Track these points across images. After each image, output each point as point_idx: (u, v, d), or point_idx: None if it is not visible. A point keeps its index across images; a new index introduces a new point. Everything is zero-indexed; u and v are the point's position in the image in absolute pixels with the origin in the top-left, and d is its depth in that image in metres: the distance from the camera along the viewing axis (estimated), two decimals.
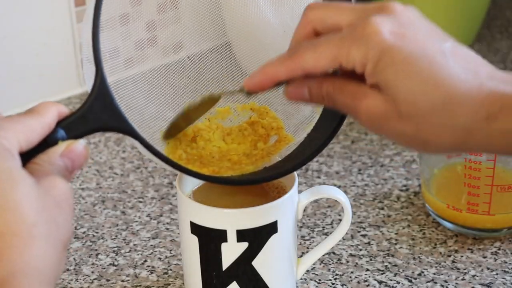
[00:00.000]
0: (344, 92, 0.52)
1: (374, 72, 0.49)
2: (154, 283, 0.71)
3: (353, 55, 0.49)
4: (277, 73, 0.52)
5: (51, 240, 0.45)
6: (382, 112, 0.50)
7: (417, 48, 0.49)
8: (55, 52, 1.01)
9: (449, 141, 0.50)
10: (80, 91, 1.05)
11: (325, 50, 0.50)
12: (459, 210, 0.75)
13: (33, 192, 0.45)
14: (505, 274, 0.71)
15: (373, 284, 0.70)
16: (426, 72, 0.48)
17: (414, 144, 0.51)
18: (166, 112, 0.63)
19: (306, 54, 0.51)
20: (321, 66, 0.51)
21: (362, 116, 0.51)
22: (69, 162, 0.50)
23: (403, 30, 0.49)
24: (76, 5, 1.01)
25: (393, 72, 0.49)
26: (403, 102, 0.49)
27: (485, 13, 1.13)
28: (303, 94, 0.53)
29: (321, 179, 0.86)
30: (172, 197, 0.83)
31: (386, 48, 0.49)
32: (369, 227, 0.78)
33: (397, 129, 0.50)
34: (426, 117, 0.49)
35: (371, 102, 0.50)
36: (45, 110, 0.50)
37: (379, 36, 0.49)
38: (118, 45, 0.61)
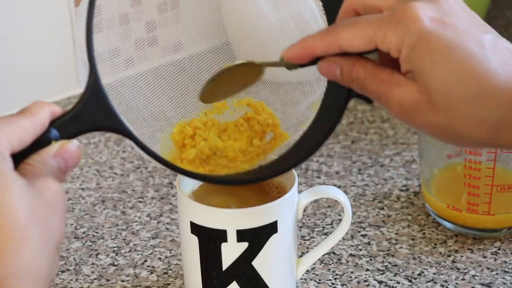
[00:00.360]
0: (376, 79, 0.51)
1: (409, 58, 0.49)
2: (154, 283, 0.71)
3: (389, 38, 0.49)
4: (315, 46, 0.52)
5: (44, 242, 0.45)
6: (414, 102, 0.49)
7: (456, 37, 0.48)
8: (55, 52, 1.01)
9: (480, 135, 0.49)
10: (80, 91, 1.04)
11: (362, 30, 0.50)
12: (459, 210, 0.75)
13: (24, 194, 0.45)
14: (505, 274, 0.71)
15: (373, 284, 0.70)
16: (462, 63, 0.48)
17: (444, 136, 0.50)
18: (166, 111, 0.63)
19: (343, 31, 0.51)
20: (357, 45, 0.50)
21: (394, 104, 0.50)
22: (62, 162, 0.49)
23: (444, 18, 0.49)
24: (76, 5, 1.01)
25: (429, 60, 0.48)
26: (437, 91, 0.48)
27: (485, 13, 1.13)
28: (335, 72, 0.53)
29: (321, 179, 0.85)
30: (172, 197, 0.83)
31: (424, 35, 0.48)
32: (369, 227, 0.78)
33: (428, 119, 0.50)
34: (458, 109, 0.48)
35: (404, 90, 0.50)
36: (38, 109, 0.49)
37: (418, 22, 0.48)
38: (118, 45, 0.61)
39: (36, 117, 0.49)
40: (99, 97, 0.52)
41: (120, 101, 0.59)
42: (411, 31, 0.48)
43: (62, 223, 0.47)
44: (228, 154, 0.62)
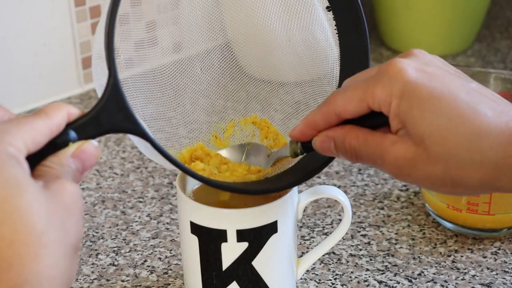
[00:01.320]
0: (369, 144, 0.52)
1: (399, 110, 0.50)
2: (154, 283, 0.71)
3: (378, 94, 0.50)
4: (315, 119, 0.54)
5: (62, 246, 0.44)
6: (410, 156, 0.50)
7: (442, 85, 0.49)
8: (55, 52, 1.01)
9: (478, 179, 0.49)
10: (80, 91, 1.05)
11: (352, 92, 0.52)
12: (459, 210, 0.75)
13: (40, 199, 0.44)
14: (505, 274, 0.71)
15: (373, 284, 0.70)
16: (451, 108, 0.48)
17: (444, 186, 0.51)
18: (166, 112, 0.63)
19: (336, 98, 0.53)
20: (351, 108, 0.52)
21: (390, 164, 0.51)
22: (80, 163, 0.49)
23: (426, 68, 0.50)
24: (76, 5, 1.01)
25: (418, 108, 0.49)
26: (431, 141, 0.49)
27: (485, 13, 1.13)
28: (329, 147, 0.54)
29: (321, 179, 0.86)
30: (172, 197, 0.83)
31: (410, 84, 0.49)
32: (369, 227, 0.78)
33: (426, 172, 0.50)
34: (454, 154, 0.49)
35: (399, 147, 0.50)
36: (53, 111, 0.49)
37: (403, 73, 0.49)
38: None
39: (51, 119, 0.49)
40: (118, 99, 0.52)
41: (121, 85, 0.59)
42: (397, 83, 0.49)
43: (80, 226, 0.46)
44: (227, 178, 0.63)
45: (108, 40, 0.51)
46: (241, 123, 0.66)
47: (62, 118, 0.49)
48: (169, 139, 0.62)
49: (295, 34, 0.63)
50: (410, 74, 0.49)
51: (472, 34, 1.15)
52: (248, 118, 0.66)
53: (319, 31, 0.62)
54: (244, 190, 0.61)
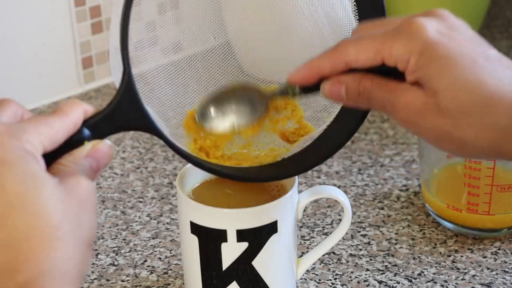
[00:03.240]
0: (383, 87, 0.52)
1: (416, 67, 0.49)
2: (154, 283, 0.71)
3: (396, 50, 0.50)
4: (321, 65, 0.53)
5: (75, 240, 0.45)
6: (421, 105, 0.50)
7: (462, 47, 0.49)
8: (55, 52, 1.01)
9: (486, 142, 0.49)
10: (80, 91, 1.05)
11: (368, 44, 0.51)
12: (459, 210, 0.75)
13: (56, 193, 0.45)
14: (505, 274, 0.71)
15: (373, 284, 0.70)
16: (469, 69, 0.48)
17: (450, 142, 0.50)
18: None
19: (349, 47, 0.51)
20: (363, 59, 0.51)
21: (400, 109, 0.51)
22: (95, 162, 0.50)
23: (449, 31, 0.50)
24: (76, 5, 1.01)
25: (436, 66, 0.49)
26: (444, 95, 0.49)
27: (485, 13, 1.13)
28: (339, 92, 0.53)
29: (321, 179, 0.86)
30: (172, 197, 0.83)
31: (430, 43, 0.49)
32: (369, 227, 0.78)
33: (435, 124, 0.50)
34: (465, 114, 0.49)
35: (411, 94, 0.50)
36: (70, 109, 0.49)
37: (424, 32, 0.49)
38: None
39: (69, 117, 0.49)
40: (133, 97, 0.52)
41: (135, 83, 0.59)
42: (418, 40, 0.49)
43: (94, 221, 0.47)
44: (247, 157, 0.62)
45: (122, 38, 0.51)
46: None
47: (78, 116, 0.50)
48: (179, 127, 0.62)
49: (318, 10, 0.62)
50: (431, 34, 0.49)
51: None
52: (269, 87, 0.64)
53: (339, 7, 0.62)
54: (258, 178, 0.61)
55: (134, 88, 0.52)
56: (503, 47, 1.15)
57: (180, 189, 0.63)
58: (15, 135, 0.45)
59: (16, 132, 0.46)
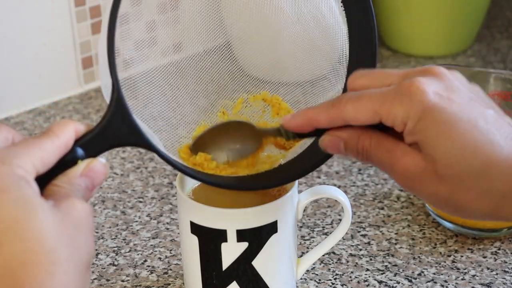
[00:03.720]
0: (381, 148, 0.52)
1: (414, 131, 0.50)
2: (154, 283, 0.71)
3: (394, 111, 0.50)
4: (318, 118, 0.53)
5: (73, 264, 0.45)
6: (419, 171, 0.50)
7: (461, 111, 0.49)
8: (55, 52, 1.01)
9: (483, 207, 0.50)
10: (80, 91, 1.05)
11: (367, 103, 0.51)
12: None
13: (50, 218, 0.44)
14: (505, 274, 0.71)
15: (373, 284, 0.70)
16: (467, 134, 0.49)
17: (447, 207, 0.51)
18: (165, 112, 0.63)
19: (347, 105, 0.52)
20: (361, 118, 0.51)
21: (398, 174, 0.51)
22: (89, 181, 0.50)
23: (447, 93, 0.50)
24: (76, 5, 1.01)
25: (434, 131, 0.49)
26: (442, 162, 0.49)
27: (485, 13, 1.13)
28: (338, 147, 0.54)
29: (321, 179, 0.86)
30: (172, 197, 0.83)
31: (429, 108, 0.49)
32: (369, 227, 0.78)
33: (432, 189, 0.50)
34: (462, 181, 0.49)
35: (409, 160, 0.50)
36: (61, 129, 0.49)
37: (423, 95, 0.49)
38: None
39: (59, 138, 0.49)
40: (123, 113, 0.52)
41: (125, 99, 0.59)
42: (417, 104, 0.49)
43: (90, 243, 0.47)
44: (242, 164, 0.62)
45: (109, 56, 0.51)
46: (250, 99, 0.64)
47: (70, 136, 0.50)
48: (169, 139, 0.62)
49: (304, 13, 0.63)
50: (431, 98, 0.49)
51: (472, 34, 1.14)
52: (257, 95, 0.64)
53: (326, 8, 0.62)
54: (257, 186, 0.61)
55: (124, 104, 0.52)
56: (503, 47, 1.15)
57: (180, 189, 0.63)
58: (6, 160, 0.45)
59: (7, 157, 0.46)
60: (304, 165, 0.61)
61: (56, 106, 1.02)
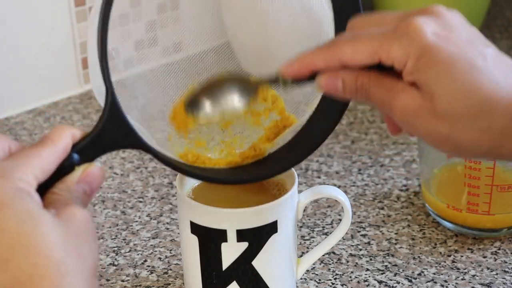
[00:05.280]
0: (380, 85, 0.51)
1: (413, 70, 0.49)
2: (154, 283, 0.71)
3: (394, 51, 0.50)
4: (315, 61, 0.52)
5: (80, 272, 0.44)
6: (418, 107, 0.50)
7: (459, 50, 0.49)
8: (55, 52, 1.01)
9: (483, 145, 0.50)
10: (80, 91, 1.05)
11: (365, 44, 0.51)
12: (459, 210, 0.75)
13: (55, 229, 0.44)
14: (505, 274, 0.71)
15: (373, 284, 0.70)
16: (466, 74, 0.49)
17: (446, 145, 0.51)
18: (166, 112, 0.63)
19: (345, 46, 0.51)
20: (359, 59, 0.51)
21: (397, 110, 0.51)
22: (87, 186, 0.50)
23: (446, 32, 0.50)
24: (76, 5, 1.01)
25: (433, 71, 0.49)
26: (440, 99, 0.49)
27: (485, 13, 1.13)
28: (336, 85, 0.53)
29: (321, 179, 0.86)
30: (172, 197, 0.83)
31: (428, 47, 0.49)
32: (369, 227, 0.78)
33: (431, 126, 0.50)
34: (461, 118, 0.49)
35: (408, 96, 0.50)
36: (58, 136, 0.49)
37: (422, 35, 0.49)
38: (118, 45, 0.61)
39: (57, 145, 0.49)
40: (118, 116, 0.52)
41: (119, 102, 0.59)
42: (416, 44, 0.49)
43: (95, 249, 0.47)
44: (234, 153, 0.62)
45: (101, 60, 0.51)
46: None
47: (67, 142, 0.50)
48: (169, 139, 0.62)
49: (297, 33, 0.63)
50: (430, 37, 0.49)
51: None
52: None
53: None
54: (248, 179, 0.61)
55: (118, 107, 0.52)
56: (503, 47, 1.15)
57: (180, 189, 0.63)
58: (6, 175, 0.45)
59: (7, 171, 0.45)
60: (296, 152, 0.60)
61: (56, 106, 1.02)
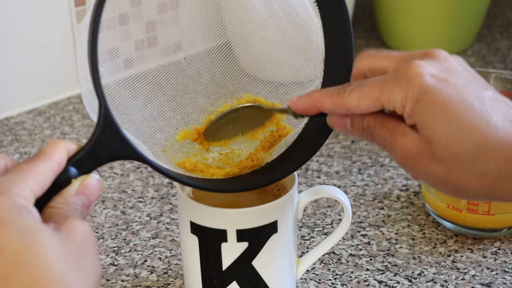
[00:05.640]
0: (384, 127, 0.53)
1: (412, 112, 0.51)
2: (154, 283, 0.71)
3: (394, 96, 0.51)
4: (323, 103, 0.55)
5: (82, 285, 0.44)
6: (417, 151, 0.51)
7: (457, 93, 0.50)
8: (55, 52, 1.01)
9: (480, 187, 0.50)
10: (80, 91, 1.05)
11: (368, 91, 0.53)
12: (459, 210, 0.75)
13: (55, 244, 0.44)
14: (505, 274, 0.71)
15: (373, 284, 0.70)
16: (462, 117, 0.49)
17: (445, 187, 0.52)
18: (166, 112, 0.63)
19: (351, 94, 0.53)
20: (364, 106, 0.53)
21: (397, 152, 0.53)
22: (85, 198, 0.50)
23: (444, 75, 0.51)
24: (76, 5, 1.01)
25: (431, 113, 0.50)
26: (438, 144, 0.50)
27: (485, 13, 1.13)
28: (345, 124, 0.55)
29: (321, 179, 0.86)
30: (172, 197, 0.83)
31: (425, 90, 0.50)
32: (369, 227, 0.78)
33: (430, 169, 0.51)
34: (458, 161, 0.50)
35: (408, 140, 0.52)
36: (53, 150, 0.49)
37: (420, 78, 0.50)
38: (118, 45, 0.61)
39: (52, 159, 0.49)
40: (112, 129, 0.52)
41: (119, 102, 0.59)
42: (414, 87, 0.50)
43: (97, 262, 0.47)
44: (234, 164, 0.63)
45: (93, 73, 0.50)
46: (234, 104, 0.65)
47: (62, 156, 0.50)
48: (169, 139, 0.63)
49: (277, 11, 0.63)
50: (427, 80, 0.50)
51: (472, 34, 1.15)
52: (241, 99, 0.65)
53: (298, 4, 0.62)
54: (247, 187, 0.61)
55: (112, 119, 0.52)
56: (503, 47, 1.15)
57: (180, 189, 0.63)
58: (4, 190, 0.45)
59: (5, 187, 0.46)
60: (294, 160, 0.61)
61: (56, 106, 1.02)
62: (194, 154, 0.63)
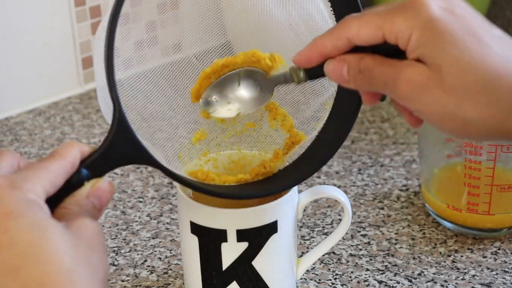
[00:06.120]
0: (384, 63, 0.51)
1: (418, 44, 0.49)
2: (154, 283, 0.71)
3: (397, 25, 0.49)
4: (323, 42, 0.53)
5: (91, 282, 0.45)
6: (425, 80, 0.49)
7: (466, 25, 0.48)
8: (55, 52, 1.01)
9: (490, 120, 0.48)
10: (80, 91, 1.05)
11: (369, 19, 0.50)
12: (459, 210, 0.75)
13: (65, 239, 0.45)
14: (505, 274, 0.71)
15: (373, 284, 0.70)
16: (474, 48, 0.48)
17: (453, 122, 0.49)
18: (166, 112, 0.63)
19: (351, 23, 0.51)
20: (364, 35, 0.50)
21: (403, 85, 0.50)
22: (97, 201, 0.50)
23: (452, 8, 0.49)
24: (76, 5, 1.01)
25: (440, 42, 0.48)
26: (449, 72, 0.48)
27: (485, 13, 1.13)
28: (341, 71, 0.53)
29: (321, 179, 0.86)
30: (172, 197, 0.83)
31: (433, 19, 0.48)
32: (369, 227, 0.78)
33: (438, 102, 0.49)
34: (470, 92, 0.48)
35: (415, 69, 0.49)
36: (67, 151, 0.50)
37: (427, 8, 0.48)
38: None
39: (66, 159, 0.49)
40: (126, 132, 0.52)
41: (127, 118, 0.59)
42: (420, 16, 0.48)
43: (105, 259, 0.47)
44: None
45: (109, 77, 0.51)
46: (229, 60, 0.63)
47: (75, 157, 0.50)
48: (169, 139, 0.63)
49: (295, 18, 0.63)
50: (435, 10, 0.48)
51: None
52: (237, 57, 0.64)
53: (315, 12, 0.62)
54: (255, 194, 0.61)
55: (126, 123, 0.52)
56: None
57: (180, 189, 0.63)
58: (17, 186, 0.46)
59: (17, 182, 0.46)
60: (305, 168, 0.61)
61: (56, 106, 1.02)
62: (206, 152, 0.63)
